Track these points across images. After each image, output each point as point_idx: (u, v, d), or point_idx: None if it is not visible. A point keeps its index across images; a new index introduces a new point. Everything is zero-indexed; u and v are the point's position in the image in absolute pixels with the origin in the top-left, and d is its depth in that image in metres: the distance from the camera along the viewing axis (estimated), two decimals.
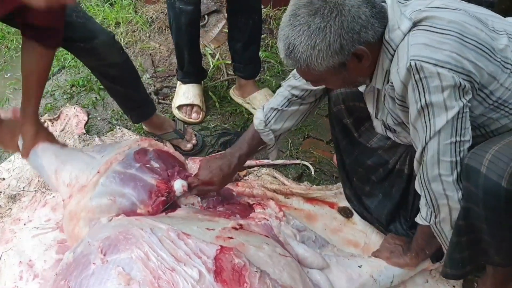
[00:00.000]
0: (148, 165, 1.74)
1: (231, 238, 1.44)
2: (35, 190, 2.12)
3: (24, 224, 1.97)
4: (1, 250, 1.87)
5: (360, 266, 1.69)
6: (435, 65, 1.22)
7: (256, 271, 1.33)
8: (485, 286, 1.62)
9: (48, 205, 2.04)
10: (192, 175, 1.78)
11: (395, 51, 1.30)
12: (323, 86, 1.63)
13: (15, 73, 2.95)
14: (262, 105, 1.75)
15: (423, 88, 1.25)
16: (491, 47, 1.27)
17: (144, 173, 1.70)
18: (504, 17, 1.44)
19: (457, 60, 1.23)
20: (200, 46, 2.58)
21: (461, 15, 1.28)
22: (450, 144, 1.30)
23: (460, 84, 1.23)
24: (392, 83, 1.32)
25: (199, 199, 1.76)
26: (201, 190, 1.76)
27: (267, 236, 1.57)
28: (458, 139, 1.30)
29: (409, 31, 1.28)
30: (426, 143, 1.32)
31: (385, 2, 1.33)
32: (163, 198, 1.67)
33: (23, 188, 2.15)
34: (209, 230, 1.46)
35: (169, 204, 1.69)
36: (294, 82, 1.66)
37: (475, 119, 1.34)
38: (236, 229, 1.51)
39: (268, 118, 1.71)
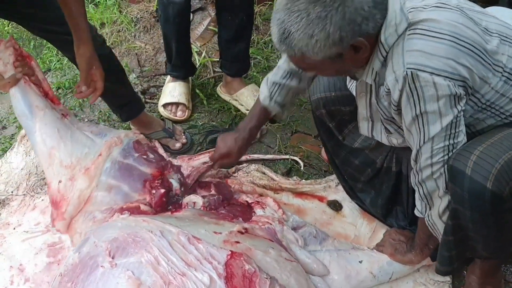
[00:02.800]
0: (145, 156, 1.79)
1: (238, 242, 1.43)
2: (24, 194, 2.11)
3: (14, 229, 1.96)
4: None
5: (360, 262, 1.70)
6: (431, 73, 1.20)
7: (266, 278, 1.33)
8: (474, 274, 1.63)
9: (37, 208, 2.03)
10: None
11: (387, 53, 1.28)
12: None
13: None
14: (266, 77, 1.75)
15: (418, 96, 1.24)
16: (484, 50, 1.26)
17: (141, 164, 1.75)
18: (486, 7, 1.45)
19: (453, 67, 1.21)
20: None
21: (458, 16, 1.26)
22: (443, 147, 1.31)
23: (456, 92, 1.22)
24: (388, 88, 1.30)
25: (201, 199, 1.78)
26: (221, 164, 1.86)
27: (271, 240, 1.57)
28: (451, 142, 1.30)
29: (404, 32, 1.25)
30: (420, 147, 1.33)
31: None
32: (163, 190, 1.69)
33: (12, 192, 2.14)
34: (216, 234, 1.45)
35: (173, 203, 1.72)
36: None
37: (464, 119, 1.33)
38: (241, 233, 1.50)
39: (271, 92, 1.72)
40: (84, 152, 1.70)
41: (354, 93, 1.56)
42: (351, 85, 1.57)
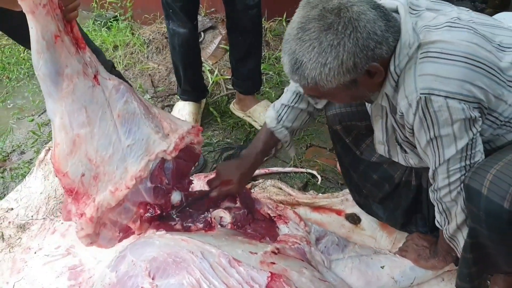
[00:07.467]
0: (158, 186, 1.68)
1: (273, 263, 1.41)
2: (44, 218, 2.13)
3: (35, 253, 1.98)
4: (13, 280, 1.87)
5: (382, 267, 1.69)
6: (446, 97, 1.18)
7: None
8: (497, 285, 1.61)
9: (57, 232, 2.05)
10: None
11: (398, 76, 1.26)
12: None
13: (17, 103, 2.99)
14: (274, 103, 1.70)
15: (432, 121, 1.23)
16: (498, 69, 1.22)
17: (149, 196, 1.66)
18: (496, 12, 1.44)
19: (468, 90, 1.18)
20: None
21: (471, 35, 1.22)
22: (459, 168, 1.29)
23: (471, 116, 1.20)
24: (402, 112, 1.28)
25: (229, 214, 1.75)
26: (222, 191, 1.73)
27: (302, 260, 1.56)
28: (467, 162, 1.28)
29: (415, 53, 1.22)
30: (436, 168, 1.32)
31: (397, 12, 1.25)
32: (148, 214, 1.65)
33: (32, 216, 2.16)
34: (252, 254, 1.43)
35: (205, 223, 1.71)
36: None
37: (482, 137, 1.31)
38: (275, 253, 1.49)
39: (280, 115, 1.66)
40: (108, 153, 1.46)
41: (369, 113, 1.55)
42: (367, 106, 1.56)
